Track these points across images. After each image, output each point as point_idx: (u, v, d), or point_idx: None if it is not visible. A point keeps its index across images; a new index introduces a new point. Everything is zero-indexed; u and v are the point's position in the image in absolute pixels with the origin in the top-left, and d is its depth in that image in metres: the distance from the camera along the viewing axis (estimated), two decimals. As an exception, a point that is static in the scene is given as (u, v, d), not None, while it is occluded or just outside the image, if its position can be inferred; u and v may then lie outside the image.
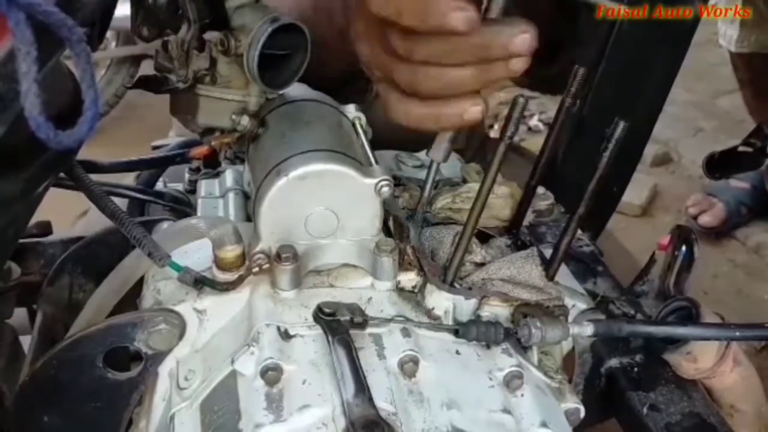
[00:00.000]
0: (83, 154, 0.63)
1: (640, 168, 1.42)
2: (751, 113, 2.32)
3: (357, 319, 0.53)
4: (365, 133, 0.66)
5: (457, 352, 0.55)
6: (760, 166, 1.14)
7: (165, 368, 0.57)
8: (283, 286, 0.57)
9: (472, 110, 0.55)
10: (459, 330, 0.55)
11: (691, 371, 0.61)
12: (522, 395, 0.53)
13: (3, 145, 0.42)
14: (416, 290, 0.59)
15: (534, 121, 3.06)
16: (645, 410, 0.59)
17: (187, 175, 0.92)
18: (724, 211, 2.43)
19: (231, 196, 0.76)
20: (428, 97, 0.56)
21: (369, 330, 0.54)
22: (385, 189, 0.57)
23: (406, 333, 0.54)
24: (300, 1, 0.81)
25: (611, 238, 1.10)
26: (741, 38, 2.09)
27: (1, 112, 0.39)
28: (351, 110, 0.67)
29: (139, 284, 0.63)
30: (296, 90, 0.66)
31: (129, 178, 0.96)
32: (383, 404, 0.48)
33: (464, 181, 0.76)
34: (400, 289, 0.59)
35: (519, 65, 0.52)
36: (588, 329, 0.57)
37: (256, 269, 0.57)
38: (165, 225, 0.74)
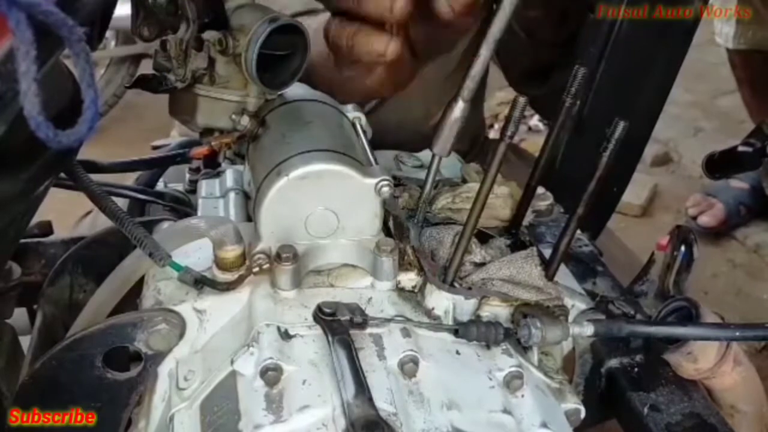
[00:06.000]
0: (83, 154, 0.63)
1: (640, 168, 1.42)
2: (750, 113, 2.33)
3: (357, 319, 0.53)
4: (365, 133, 0.66)
5: (457, 353, 0.55)
6: (759, 166, 1.14)
7: (165, 368, 0.57)
8: (283, 286, 0.57)
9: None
10: (459, 330, 0.55)
11: (692, 371, 0.61)
12: (522, 396, 0.53)
13: (3, 145, 0.42)
14: (416, 290, 0.59)
15: (534, 121, 3.07)
16: (645, 410, 0.59)
17: (187, 175, 0.92)
18: (724, 212, 2.43)
19: (231, 196, 0.76)
20: None
21: (369, 330, 0.54)
22: (385, 189, 0.57)
23: (406, 333, 0.54)
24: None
25: (612, 237, 1.10)
26: (738, 35, 2.09)
27: (0, 112, 0.39)
28: (351, 110, 0.67)
29: (140, 284, 0.63)
30: (296, 90, 0.66)
31: (129, 179, 0.96)
32: (383, 405, 0.48)
33: (464, 181, 0.76)
34: (400, 289, 0.59)
35: None
36: (588, 329, 0.57)
37: (257, 269, 0.57)
38: (165, 225, 0.74)
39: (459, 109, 0.59)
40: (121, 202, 0.79)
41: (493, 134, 2.19)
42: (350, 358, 0.50)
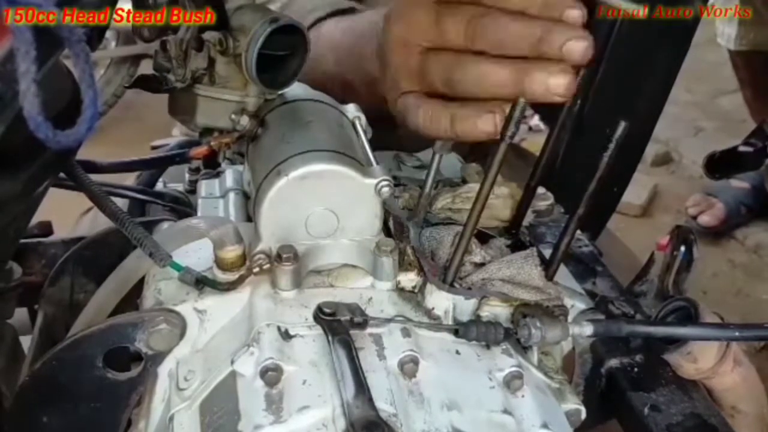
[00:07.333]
0: (83, 154, 0.63)
1: (640, 168, 1.42)
2: (752, 113, 2.33)
3: (357, 319, 0.53)
4: (365, 133, 0.66)
5: (457, 353, 0.55)
6: (760, 166, 1.14)
7: (165, 369, 0.57)
8: (284, 286, 0.57)
9: (485, 118, 0.56)
10: (459, 330, 0.55)
11: (692, 371, 0.61)
12: (522, 396, 0.53)
13: (2, 145, 0.42)
14: (416, 290, 0.59)
15: (534, 121, 3.06)
16: (646, 410, 0.59)
17: (187, 176, 0.92)
18: (724, 211, 2.43)
19: (231, 196, 0.76)
20: (458, 97, 0.59)
21: (369, 330, 0.54)
22: (386, 189, 0.57)
23: (406, 333, 0.54)
24: (337, 43, 0.82)
25: (613, 237, 1.10)
26: (740, 36, 2.10)
27: (0, 112, 0.39)
28: (351, 110, 0.67)
29: (140, 284, 0.63)
30: (296, 90, 0.66)
31: (129, 179, 0.96)
32: (383, 405, 0.48)
33: (464, 181, 0.76)
34: (400, 289, 0.59)
35: (559, 82, 0.54)
36: (588, 329, 0.57)
37: (257, 269, 0.57)
38: (165, 225, 0.74)
39: None
40: (121, 203, 0.79)
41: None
42: (350, 359, 0.50)
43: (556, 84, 0.54)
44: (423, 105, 0.61)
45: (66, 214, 1.03)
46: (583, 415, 0.58)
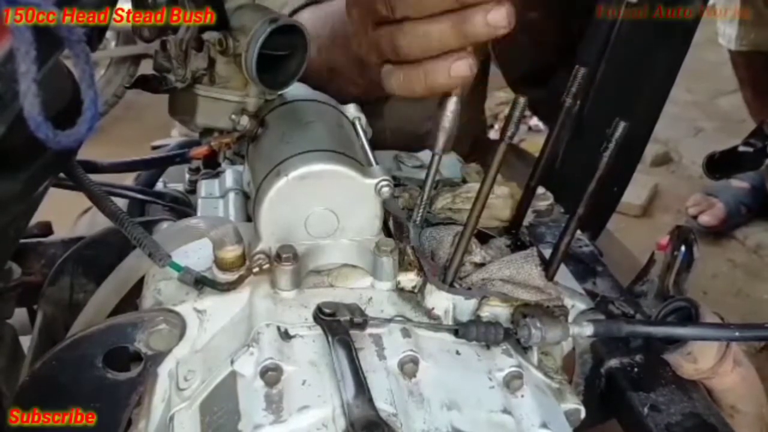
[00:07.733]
0: (83, 154, 0.63)
1: (640, 168, 1.42)
2: (751, 113, 2.33)
3: (357, 319, 0.53)
4: (365, 133, 0.66)
5: (457, 353, 0.55)
6: (760, 166, 1.14)
7: (165, 369, 0.57)
8: (283, 286, 0.57)
9: (457, 65, 0.56)
10: (459, 330, 0.55)
11: (691, 371, 0.61)
12: (522, 396, 0.53)
13: (2, 145, 0.42)
14: (416, 290, 0.59)
15: (534, 121, 3.06)
16: (645, 410, 0.59)
17: (187, 176, 0.92)
18: (724, 211, 2.43)
19: (231, 196, 0.76)
20: (414, 59, 0.58)
21: (369, 330, 0.54)
22: (385, 189, 0.57)
23: (406, 333, 0.54)
24: (318, 31, 0.82)
25: (612, 238, 1.10)
26: (740, 36, 2.10)
27: (0, 112, 0.39)
28: (351, 110, 0.67)
29: (140, 284, 0.63)
30: (296, 90, 0.66)
31: (129, 179, 0.96)
32: (383, 405, 0.48)
33: (464, 181, 0.76)
34: (400, 290, 0.59)
35: (497, 16, 0.54)
36: (588, 329, 0.57)
37: (257, 269, 0.57)
38: (165, 225, 0.74)
39: (452, 103, 0.59)
40: (121, 203, 0.79)
41: (493, 134, 2.18)
42: (350, 359, 0.50)
43: (494, 19, 0.55)
44: (394, 72, 0.61)
45: (66, 214, 1.03)
46: (583, 415, 0.58)
